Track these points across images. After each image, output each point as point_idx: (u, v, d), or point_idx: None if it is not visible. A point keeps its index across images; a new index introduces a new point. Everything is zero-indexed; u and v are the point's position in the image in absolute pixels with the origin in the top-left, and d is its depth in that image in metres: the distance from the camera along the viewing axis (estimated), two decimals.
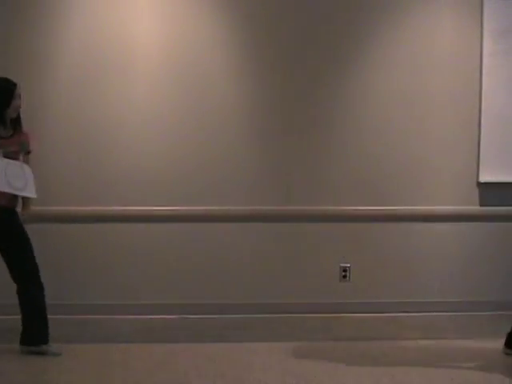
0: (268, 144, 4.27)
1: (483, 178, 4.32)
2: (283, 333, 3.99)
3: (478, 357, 3.55)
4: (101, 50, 4.16)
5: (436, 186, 4.33)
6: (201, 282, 4.30)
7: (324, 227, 4.33)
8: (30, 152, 3.59)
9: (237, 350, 3.65)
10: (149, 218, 4.24)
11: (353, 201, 4.30)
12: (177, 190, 4.24)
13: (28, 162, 3.56)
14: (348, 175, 4.29)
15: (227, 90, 4.23)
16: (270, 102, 4.25)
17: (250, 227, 4.30)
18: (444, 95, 4.29)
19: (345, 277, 4.35)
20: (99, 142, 4.21)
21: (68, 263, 4.24)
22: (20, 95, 3.45)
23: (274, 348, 3.68)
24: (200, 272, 4.30)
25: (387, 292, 4.36)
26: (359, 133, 4.28)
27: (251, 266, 4.32)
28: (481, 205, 4.35)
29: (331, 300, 4.34)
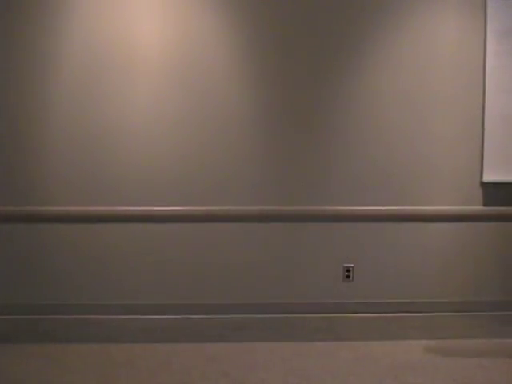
0: (270, 144, 4.27)
1: (487, 177, 4.31)
2: (286, 333, 3.99)
3: (480, 357, 3.54)
4: (103, 50, 4.17)
5: (439, 186, 4.33)
6: (204, 282, 4.31)
7: (327, 227, 4.33)
8: None
9: (239, 350, 3.66)
10: (150, 217, 4.25)
11: (356, 201, 4.30)
12: (179, 191, 4.25)
13: None
14: (351, 175, 4.29)
15: (230, 91, 4.24)
16: (273, 103, 4.25)
17: (252, 227, 4.30)
18: (447, 95, 4.29)
19: (348, 277, 4.35)
20: (100, 143, 4.21)
21: (69, 263, 4.24)
22: None
23: (276, 348, 3.69)
24: (203, 272, 4.30)
25: (390, 292, 4.36)
26: (362, 133, 4.28)
27: (254, 266, 4.32)
28: (484, 205, 4.35)
29: (334, 300, 4.35)
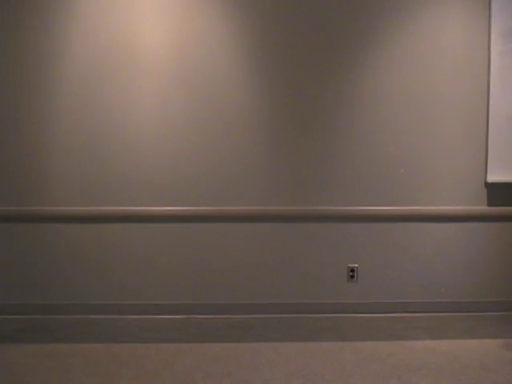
0: (275, 145, 4.26)
1: (491, 178, 4.30)
2: (290, 333, 3.98)
3: (485, 358, 3.53)
4: (107, 51, 4.17)
5: (444, 186, 4.32)
6: (208, 282, 4.31)
7: (331, 227, 4.32)
8: None
9: (243, 350, 3.65)
10: (153, 218, 4.25)
11: (360, 201, 4.29)
12: (182, 191, 4.25)
13: None
14: (356, 176, 4.29)
15: (233, 93, 4.23)
16: (276, 104, 4.25)
17: (256, 228, 4.30)
18: (452, 96, 4.27)
19: (352, 277, 4.34)
20: (103, 143, 4.21)
21: (72, 263, 4.24)
22: None
23: (280, 348, 3.69)
24: (207, 272, 4.30)
25: (394, 292, 4.35)
26: (367, 134, 4.27)
27: (258, 266, 4.32)
28: (489, 205, 4.34)
29: (338, 300, 4.34)
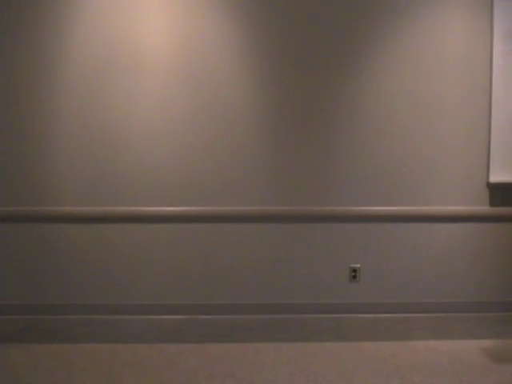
0: (278, 145, 4.27)
1: (493, 178, 4.30)
2: (292, 333, 3.99)
3: (488, 358, 3.53)
4: (109, 50, 4.18)
5: (446, 186, 4.32)
6: (210, 283, 4.32)
7: (333, 228, 4.33)
8: None
9: (246, 350, 3.66)
10: (155, 218, 4.25)
11: (362, 201, 4.29)
12: (184, 191, 4.25)
13: None
14: (357, 176, 4.29)
15: (236, 92, 4.24)
16: (280, 103, 4.25)
17: (258, 228, 4.30)
18: (453, 96, 4.27)
19: (354, 277, 4.34)
20: (105, 143, 4.22)
21: (74, 263, 4.25)
22: None
23: (283, 348, 3.69)
24: (209, 272, 4.31)
25: (397, 292, 4.35)
26: (369, 134, 4.27)
27: (261, 267, 4.32)
28: (490, 205, 4.34)
29: (341, 300, 4.34)
